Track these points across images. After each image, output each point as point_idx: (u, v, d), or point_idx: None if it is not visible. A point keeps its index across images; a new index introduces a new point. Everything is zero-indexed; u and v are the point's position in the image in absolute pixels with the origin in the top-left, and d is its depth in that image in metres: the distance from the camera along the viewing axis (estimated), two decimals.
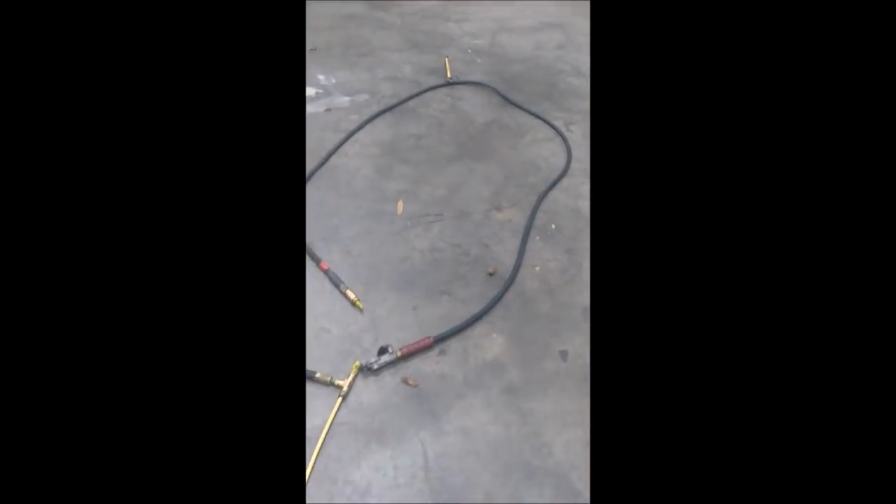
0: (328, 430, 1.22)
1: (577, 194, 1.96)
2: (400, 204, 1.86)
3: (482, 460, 1.20)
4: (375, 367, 1.33)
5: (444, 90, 2.50)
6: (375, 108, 2.30)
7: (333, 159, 2.03)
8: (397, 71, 2.61)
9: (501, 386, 1.34)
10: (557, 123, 2.31)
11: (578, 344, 1.45)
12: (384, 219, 1.79)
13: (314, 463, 1.16)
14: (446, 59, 2.67)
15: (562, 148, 2.19)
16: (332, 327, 1.45)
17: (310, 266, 1.60)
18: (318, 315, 1.47)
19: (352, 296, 1.50)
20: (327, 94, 2.39)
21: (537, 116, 2.35)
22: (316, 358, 1.36)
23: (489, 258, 1.69)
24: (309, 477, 1.14)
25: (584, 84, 2.64)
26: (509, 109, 2.40)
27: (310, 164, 1.97)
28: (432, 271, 1.63)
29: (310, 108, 2.29)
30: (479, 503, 1.12)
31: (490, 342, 1.45)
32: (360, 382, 1.33)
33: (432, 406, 1.29)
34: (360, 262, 1.64)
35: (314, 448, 1.18)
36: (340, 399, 1.27)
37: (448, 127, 2.26)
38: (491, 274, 1.63)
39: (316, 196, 1.86)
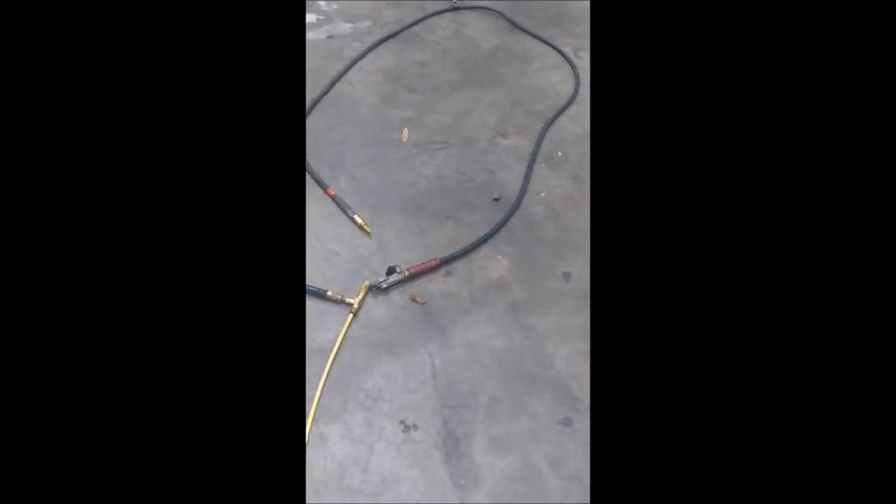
0: (341, 343, 1.28)
1: (584, 121, 1.94)
2: (405, 131, 1.85)
3: (487, 370, 1.27)
4: (384, 285, 1.38)
5: (449, 15, 2.42)
6: (378, 35, 2.24)
7: (337, 87, 2.00)
8: None
9: (505, 303, 1.40)
10: (566, 50, 2.24)
11: (581, 266, 1.49)
12: (390, 146, 1.79)
13: (328, 372, 1.23)
14: None
15: (570, 75, 2.14)
16: (341, 250, 1.49)
17: (317, 192, 1.62)
18: (327, 238, 1.51)
19: (359, 220, 1.53)
20: (329, 21, 2.32)
21: (545, 42, 2.28)
22: (327, 278, 1.41)
23: (494, 184, 1.70)
24: (324, 384, 1.21)
25: None
26: (516, 35, 2.33)
27: (314, 92, 1.95)
28: (438, 197, 1.65)
29: (312, 35, 2.23)
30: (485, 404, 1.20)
31: (495, 264, 1.49)
32: (369, 300, 1.38)
33: (439, 321, 1.35)
34: (366, 189, 1.65)
35: (328, 359, 1.25)
36: (351, 316, 1.33)
37: (453, 53, 2.20)
38: (496, 199, 1.65)
39: (321, 124, 1.85)
